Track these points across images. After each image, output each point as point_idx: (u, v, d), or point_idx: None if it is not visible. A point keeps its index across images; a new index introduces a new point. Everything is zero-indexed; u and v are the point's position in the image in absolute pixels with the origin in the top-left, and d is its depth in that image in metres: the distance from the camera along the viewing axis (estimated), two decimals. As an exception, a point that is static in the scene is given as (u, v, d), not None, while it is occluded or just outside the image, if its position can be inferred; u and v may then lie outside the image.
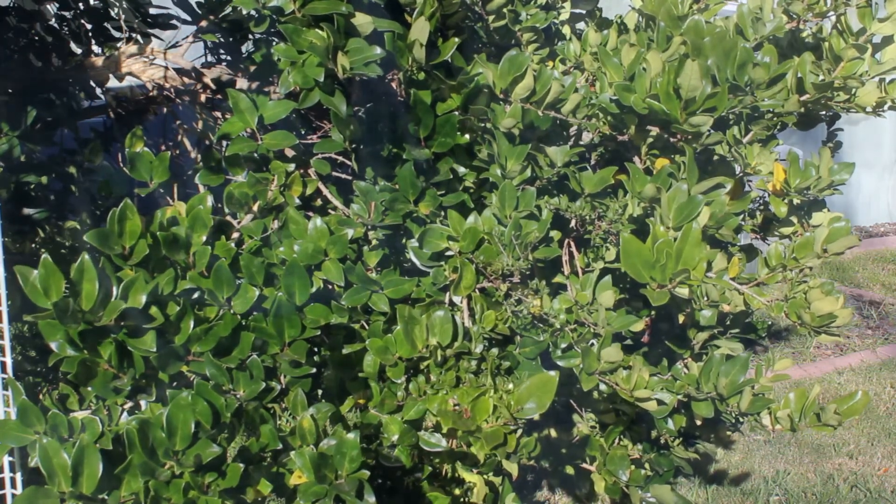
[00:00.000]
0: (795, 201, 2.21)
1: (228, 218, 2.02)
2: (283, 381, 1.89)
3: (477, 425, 1.71)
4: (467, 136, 1.98)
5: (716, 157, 2.09)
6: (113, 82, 2.35)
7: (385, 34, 1.82)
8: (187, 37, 2.32)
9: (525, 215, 1.93)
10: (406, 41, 1.82)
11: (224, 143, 2.06)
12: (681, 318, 2.18)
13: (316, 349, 1.97)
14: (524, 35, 2.15)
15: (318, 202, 2.13)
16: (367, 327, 1.95)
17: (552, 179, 2.02)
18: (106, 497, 1.60)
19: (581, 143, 2.18)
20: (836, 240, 2.02)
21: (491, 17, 2.08)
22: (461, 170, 2.03)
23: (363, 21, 1.84)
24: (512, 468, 1.97)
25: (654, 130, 1.99)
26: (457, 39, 1.87)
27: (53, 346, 1.66)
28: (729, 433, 2.47)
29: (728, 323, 2.30)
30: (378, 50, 1.81)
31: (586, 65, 2.22)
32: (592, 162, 2.22)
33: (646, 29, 2.18)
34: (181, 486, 1.62)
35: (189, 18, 2.37)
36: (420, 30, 1.77)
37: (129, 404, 1.81)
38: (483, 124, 1.98)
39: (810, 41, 2.19)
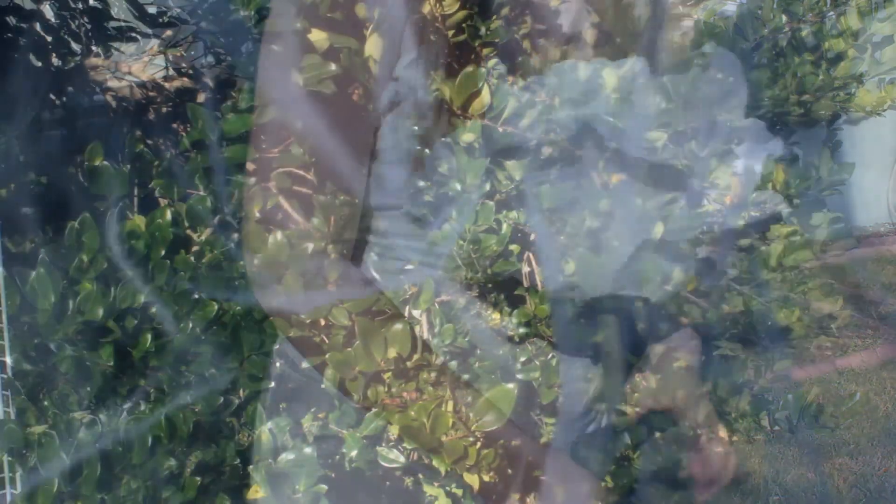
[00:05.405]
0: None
1: (189, 232, 2.01)
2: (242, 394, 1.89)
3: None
4: (427, 150, 2.00)
5: (673, 170, 2.10)
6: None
7: (341, 50, 1.85)
8: (151, 47, 2.31)
9: (484, 229, 1.94)
10: (362, 56, 1.84)
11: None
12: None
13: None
14: (484, 50, 2.16)
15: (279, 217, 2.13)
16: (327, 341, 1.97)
17: (511, 193, 2.04)
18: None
19: (541, 157, 2.20)
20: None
21: (451, 32, 2.10)
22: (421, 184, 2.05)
23: (319, 37, 1.86)
24: (473, 480, 1.96)
25: (613, 145, 2.00)
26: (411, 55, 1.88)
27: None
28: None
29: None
30: (333, 66, 1.82)
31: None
32: (552, 176, 2.24)
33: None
34: (139, 500, 1.63)
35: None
36: (373, 46, 1.79)
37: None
38: (443, 139, 1.99)
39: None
